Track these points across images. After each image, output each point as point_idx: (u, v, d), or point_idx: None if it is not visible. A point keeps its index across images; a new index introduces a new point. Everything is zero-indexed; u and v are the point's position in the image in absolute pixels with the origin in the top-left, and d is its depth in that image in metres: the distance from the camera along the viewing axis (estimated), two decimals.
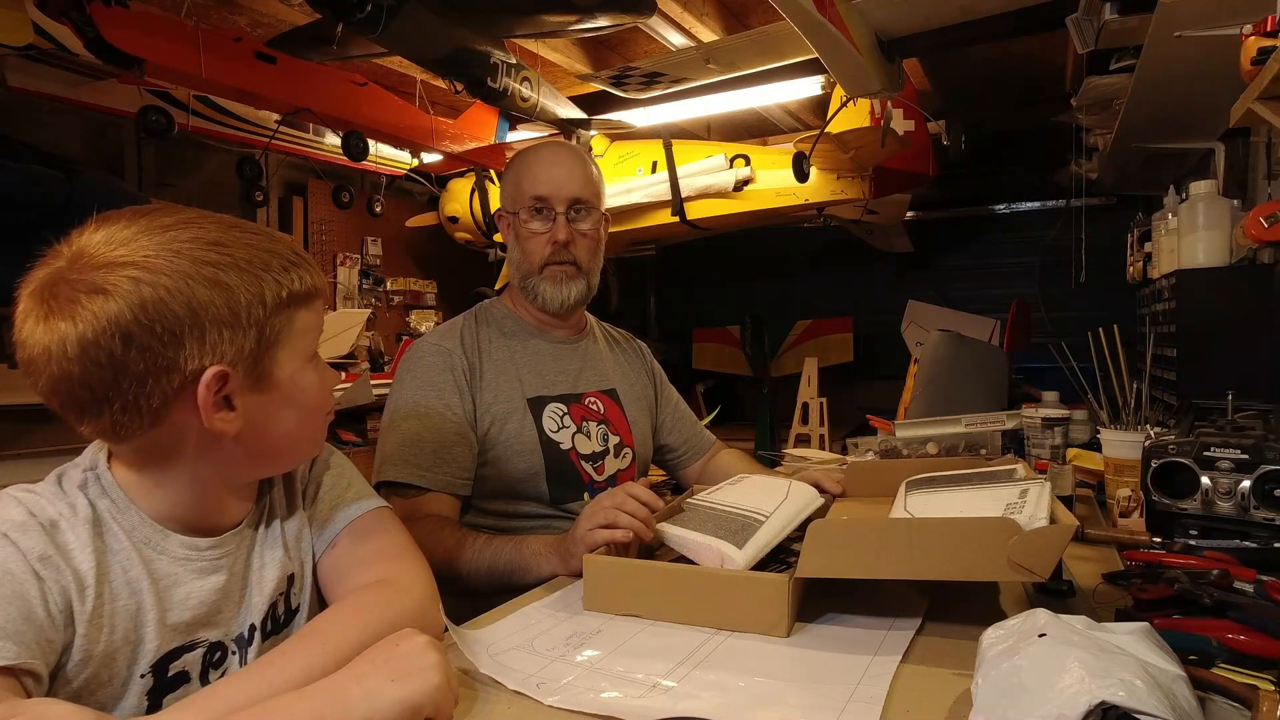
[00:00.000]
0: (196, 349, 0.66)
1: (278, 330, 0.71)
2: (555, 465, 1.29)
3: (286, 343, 0.73)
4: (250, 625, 0.78)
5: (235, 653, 0.77)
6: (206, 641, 0.74)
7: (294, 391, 0.74)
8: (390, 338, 4.67)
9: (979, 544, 0.74)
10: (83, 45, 2.42)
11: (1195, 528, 0.99)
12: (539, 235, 1.33)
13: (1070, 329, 2.17)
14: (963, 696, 0.66)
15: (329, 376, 0.80)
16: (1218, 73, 1.65)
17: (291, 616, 0.83)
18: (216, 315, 0.66)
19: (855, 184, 3.85)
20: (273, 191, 4.12)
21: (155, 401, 0.66)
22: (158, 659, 0.70)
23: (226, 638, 0.76)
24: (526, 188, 1.33)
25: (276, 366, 0.72)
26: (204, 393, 0.66)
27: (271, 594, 0.80)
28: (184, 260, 0.66)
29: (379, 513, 0.88)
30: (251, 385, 0.71)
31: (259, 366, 0.71)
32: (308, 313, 0.75)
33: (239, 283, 0.68)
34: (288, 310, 0.72)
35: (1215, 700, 0.60)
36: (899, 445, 1.61)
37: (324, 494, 0.88)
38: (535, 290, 1.35)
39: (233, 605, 0.77)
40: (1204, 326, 1.85)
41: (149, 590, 0.70)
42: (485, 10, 2.62)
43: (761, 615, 0.82)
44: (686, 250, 5.46)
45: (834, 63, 2.30)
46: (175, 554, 0.73)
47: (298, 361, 0.74)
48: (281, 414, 0.74)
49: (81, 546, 0.67)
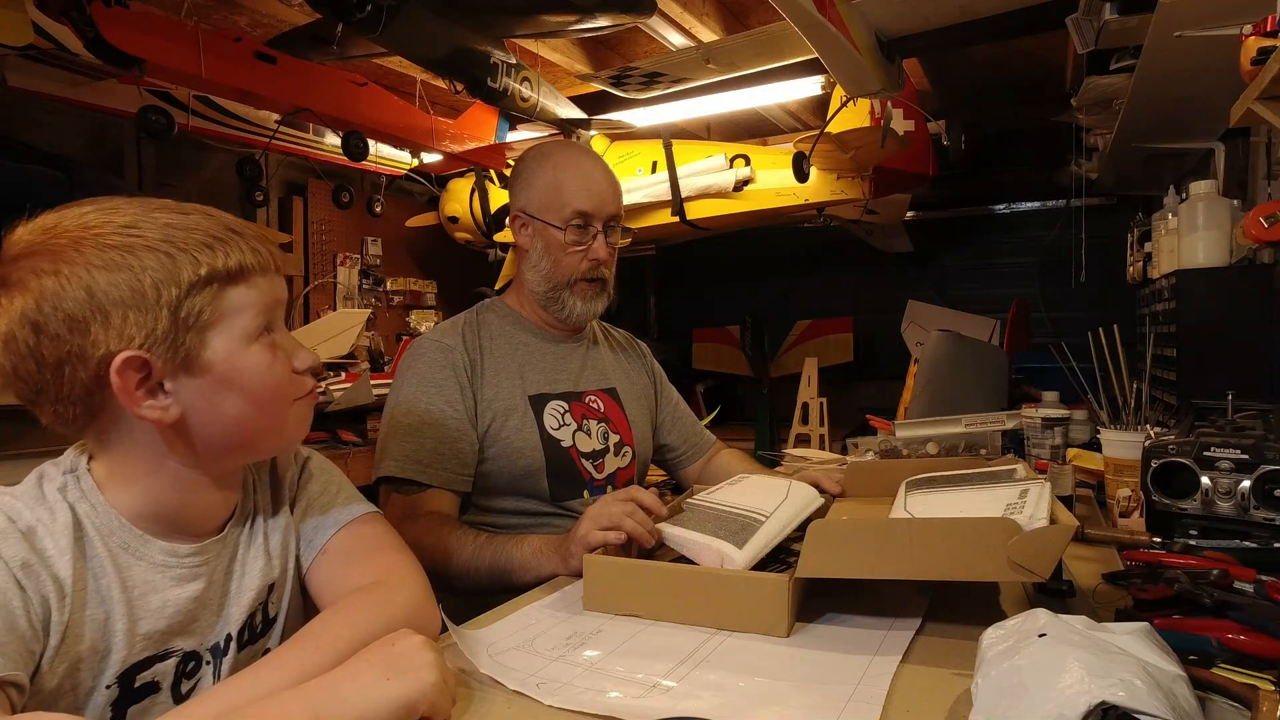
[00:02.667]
0: (103, 334, 0.64)
1: (198, 310, 0.67)
2: (556, 463, 1.29)
3: (214, 323, 0.69)
4: (227, 635, 0.76)
5: (210, 663, 0.75)
6: (180, 651, 0.72)
7: (233, 374, 0.70)
8: (390, 338, 4.66)
9: (979, 544, 0.74)
10: (83, 45, 2.42)
11: (1195, 528, 0.99)
12: (576, 251, 1.32)
13: (1070, 329, 2.17)
14: (963, 696, 0.66)
15: (289, 357, 0.75)
16: (1218, 73, 1.65)
17: (269, 625, 0.81)
18: (119, 298, 0.64)
19: (855, 184, 3.84)
20: (273, 191, 4.11)
21: (79, 390, 0.65)
22: (124, 670, 0.68)
23: (202, 647, 0.74)
24: (569, 201, 1.30)
25: (205, 348, 0.68)
26: (116, 380, 0.65)
27: (251, 603, 0.78)
28: (88, 246, 0.64)
29: (369, 517, 0.87)
30: (181, 369, 0.68)
31: (182, 349, 0.67)
32: (243, 289, 0.70)
33: (148, 264, 0.65)
34: (211, 288, 0.68)
35: (1215, 700, 0.60)
36: (899, 445, 1.61)
37: (311, 501, 0.86)
38: (564, 303, 1.34)
39: (210, 614, 0.75)
40: (1204, 326, 1.85)
41: (119, 599, 0.68)
42: (485, 10, 2.62)
43: (761, 615, 0.82)
44: (686, 250, 5.46)
45: (834, 63, 2.30)
46: (154, 560, 0.71)
47: (234, 342, 0.70)
48: (223, 399, 0.70)
49: (60, 553, 0.65)
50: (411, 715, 0.62)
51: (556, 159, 1.34)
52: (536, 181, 1.34)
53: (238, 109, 3.41)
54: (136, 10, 2.49)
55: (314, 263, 4.33)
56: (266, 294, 0.73)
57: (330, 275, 4.42)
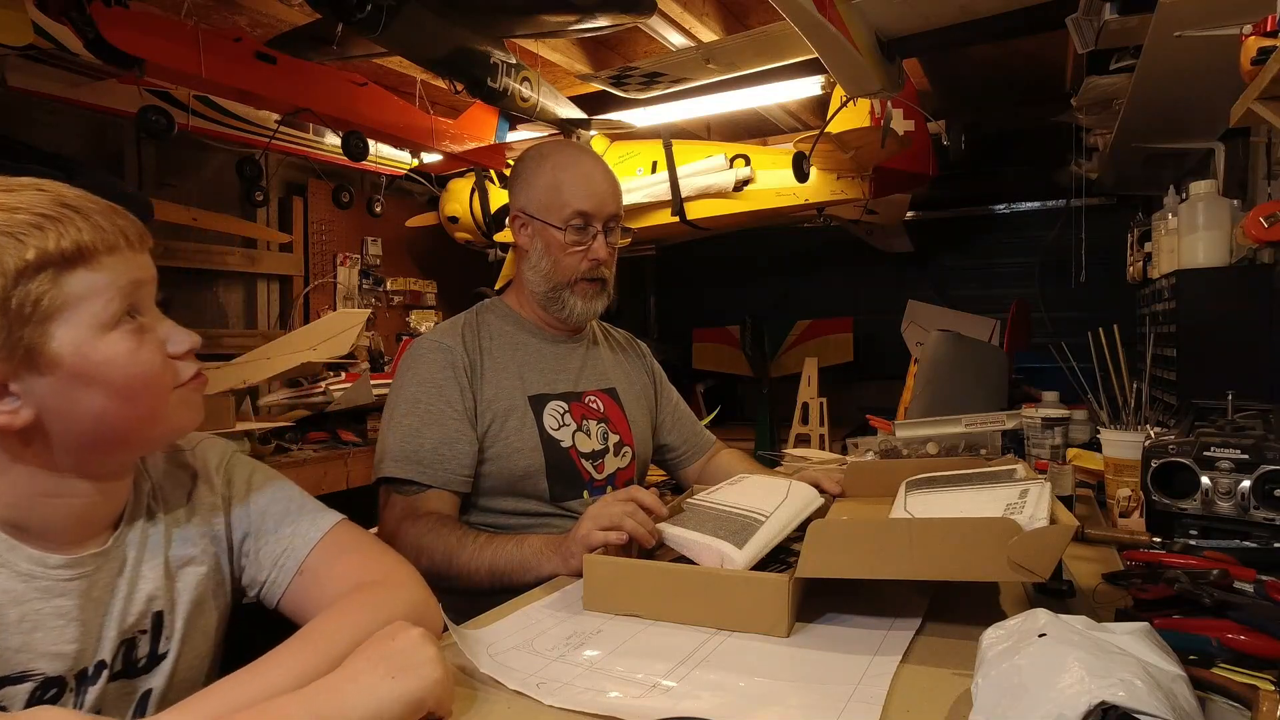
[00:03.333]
0: None
1: (34, 300, 0.60)
2: (555, 463, 1.29)
3: (56, 313, 0.61)
4: (99, 662, 0.68)
5: (73, 690, 0.66)
6: (41, 675, 0.64)
7: (86, 369, 0.63)
8: (390, 338, 4.66)
9: (979, 544, 0.74)
10: (83, 45, 2.41)
11: (1195, 528, 0.99)
12: (576, 251, 1.32)
13: (1070, 329, 2.17)
14: (963, 696, 0.66)
15: (162, 340, 0.68)
16: (1218, 73, 1.65)
17: (155, 662, 0.72)
18: None
19: (855, 184, 3.84)
20: (273, 191, 4.11)
21: None
22: None
23: (68, 673, 0.65)
24: (569, 201, 1.30)
25: (50, 341, 0.61)
26: None
27: (131, 629, 0.70)
28: None
29: (341, 527, 0.83)
30: (24, 367, 0.61)
31: (20, 345, 0.60)
32: (86, 273, 0.62)
33: None
34: (45, 274, 0.60)
35: (1215, 700, 0.60)
36: (899, 445, 1.61)
37: (270, 520, 0.80)
38: (564, 302, 1.34)
39: (82, 635, 0.66)
40: (1204, 326, 1.85)
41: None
42: (485, 10, 2.62)
43: (761, 615, 0.82)
44: (686, 250, 5.46)
45: (834, 63, 2.30)
46: (18, 568, 0.64)
47: (83, 332, 0.62)
48: (81, 395, 0.63)
49: None
50: (418, 713, 0.61)
51: (556, 159, 1.34)
52: (536, 182, 1.34)
53: (238, 109, 3.41)
54: (136, 10, 2.48)
55: (314, 263, 4.33)
56: (121, 275, 0.65)
57: (330, 275, 4.42)
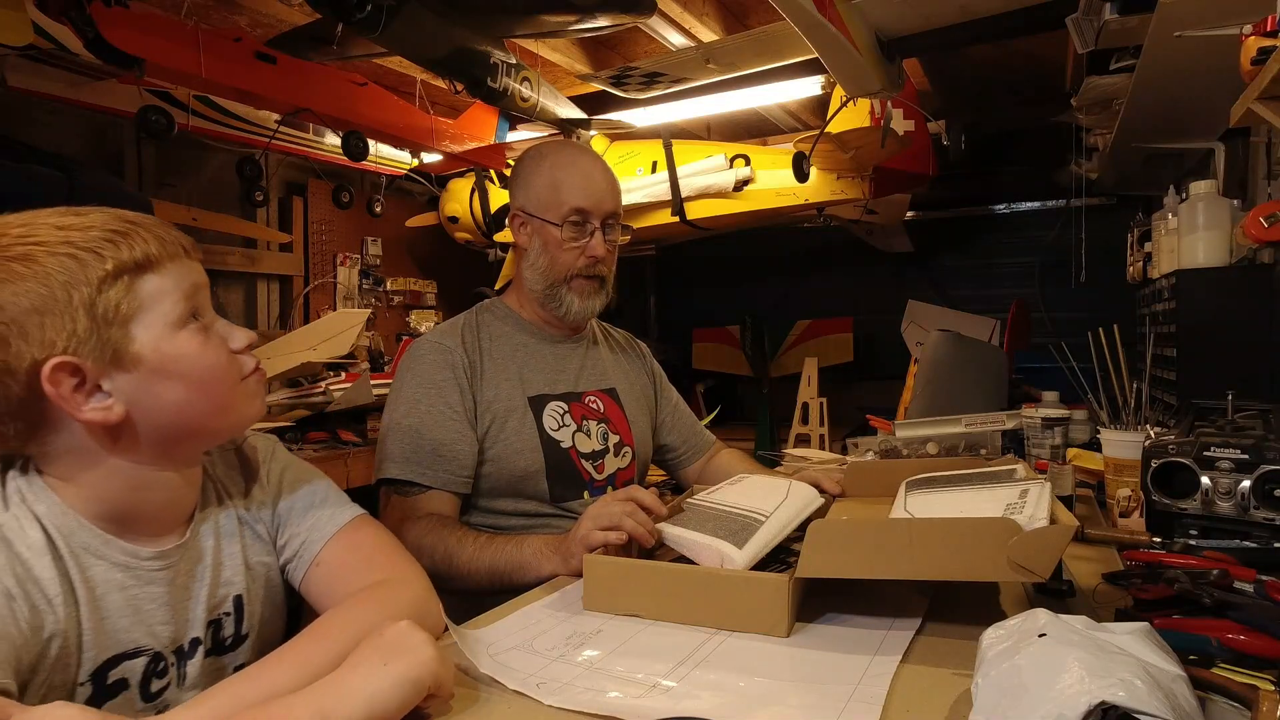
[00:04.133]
0: (24, 346, 0.64)
1: (115, 304, 0.67)
2: (555, 464, 1.29)
3: (135, 315, 0.69)
4: (192, 639, 0.77)
5: (174, 665, 0.75)
6: (150, 650, 0.73)
7: (165, 363, 0.70)
8: (390, 338, 4.66)
9: (979, 544, 0.74)
10: (83, 45, 2.41)
11: (1195, 528, 0.99)
12: (573, 247, 1.32)
13: (1070, 329, 2.17)
14: (963, 696, 0.66)
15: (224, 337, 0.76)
16: (1218, 73, 1.65)
17: (240, 641, 0.81)
18: (30, 307, 0.64)
19: (855, 184, 3.84)
20: (273, 191, 4.11)
21: (15, 406, 0.66)
22: (96, 668, 0.69)
23: (167, 649, 0.75)
24: (566, 199, 1.30)
25: (132, 341, 0.69)
26: (50, 388, 0.65)
27: (215, 610, 0.79)
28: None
29: (359, 520, 0.88)
30: (113, 367, 0.68)
31: (109, 346, 0.67)
32: (156, 278, 0.70)
33: (51, 269, 0.65)
34: (122, 281, 0.68)
35: (1215, 700, 0.60)
36: (899, 445, 1.61)
37: (296, 511, 0.86)
38: (560, 299, 1.34)
39: (172, 616, 0.75)
40: (1204, 326, 1.85)
41: (86, 599, 0.68)
42: (485, 10, 2.62)
43: (761, 615, 0.82)
44: (686, 250, 5.46)
45: (834, 63, 2.30)
46: (114, 560, 0.71)
47: (159, 331, 0.70)
48: (163, 388, 0.70)
49: (38, 557, 0.66)
50: (419, 691, 0.63)
51: (554, 158, 1.35)
52: (535, 180, 1.34)
53: (238, 109, 3.41)
54: (136, 10, 2.48)
55: (314, 263, 4.33)
56: (183, 279, 0.72)
57: (330, 275, 4.42)
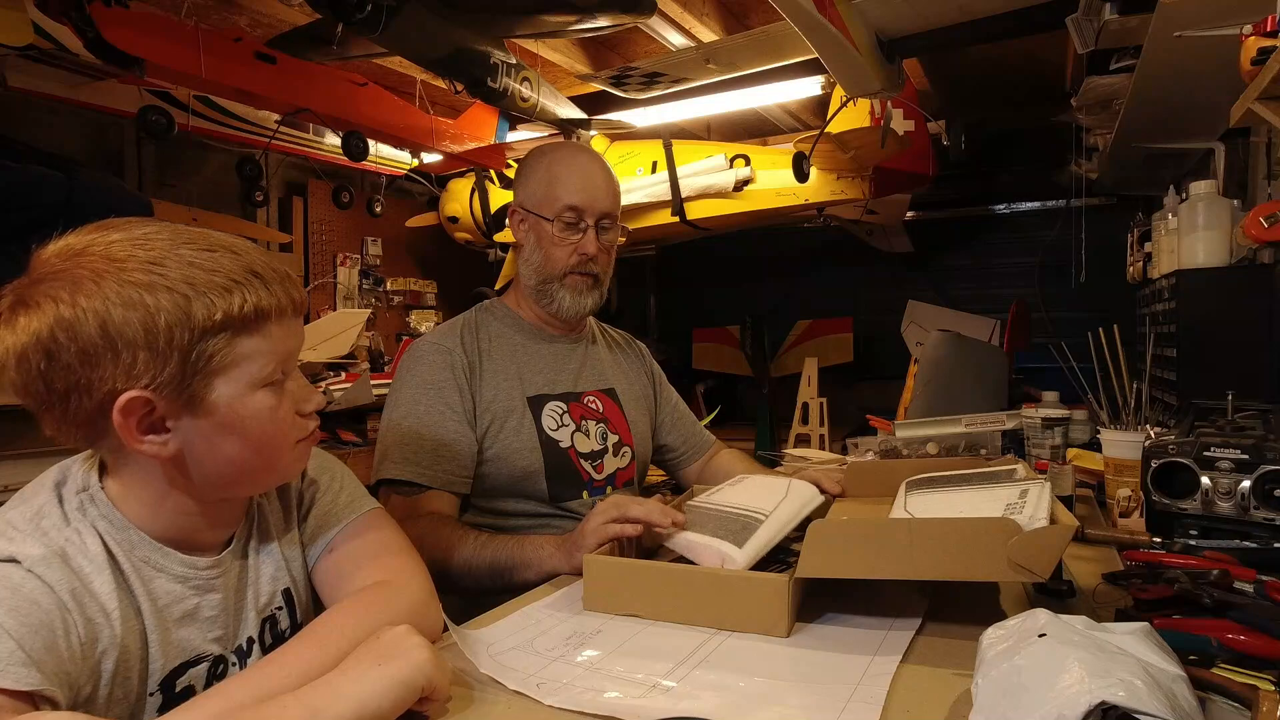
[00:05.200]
0: (112, 371, 0.64)
1: (209, 355, 0.67)
2: (554, 464, 1.29)
3: (224, 369, 0.68)
4: (249, 638, 0.80)
5: (236, 665, 0.78)
6: (211, 655, 0.75)
7: (233, 420, 0.70)
8: (390, 338, 4.66)
9: (979, 544, 0.74)
10: (83, 45, 2.42)
11: (1195, 528, 0.99)
12: (567, 244, 1.32)
13: (1070, 329, 2.17)
14: (963, 696, 0.66)
15: (294, 400, 0.75)
16: (1218, 73, 1.65)
17: (297, 630, 0.83)
18: (132, 337, 0.64)
19: (855, 184, 3.84)
20: (273, 191, 4.11)
21: (83, 418, 0.66)
22: (164, 677, 0.71)
23: (227, 651, 0.78)
24: (560, 195, 1.31)
25: (211, 392, 0.68)
26: (119, 417, 0.65)
27: (266, 607, 0.81)
28: (110, 280, 0.64)
29: (373, 515, 0.89)
30: (185, 410, 0.68)
31: (187, 392, 0.67)
32: (257, 339, 0.70)
33: (163, 305, 0.64)
34: (224, 334, 0.67)
35: (1215, 700, 0.60)
36: (899, 445, 1.61)
37: (317, 499, 0.88)
38: (554, 296, 1.35)
39: (231, 620, 0.78)
40: (1204, 326, 1.85)
41: (150, 611, 0.70)
42: (485, 10, 2.62)
43: (761, 615, 0.82)
44: (686, 250, 5.46)
45: (834, 63, 2.30)
46: (174, 572, 0.73)
47: (239, 388, 0.69)
48: (223, 441, 0.70)
49: (98, 573, 0.67)
50: (411, 693, 0.63)
51: (553, 156, 1.36)
52: (533, 176, 1.36)
53: (238, 109, 3.41)
54: (136, 10, 2.49)
55: (314, 263, 4.33)
56: (281, 342, 0.72)
57: (330, 275, 4.42)
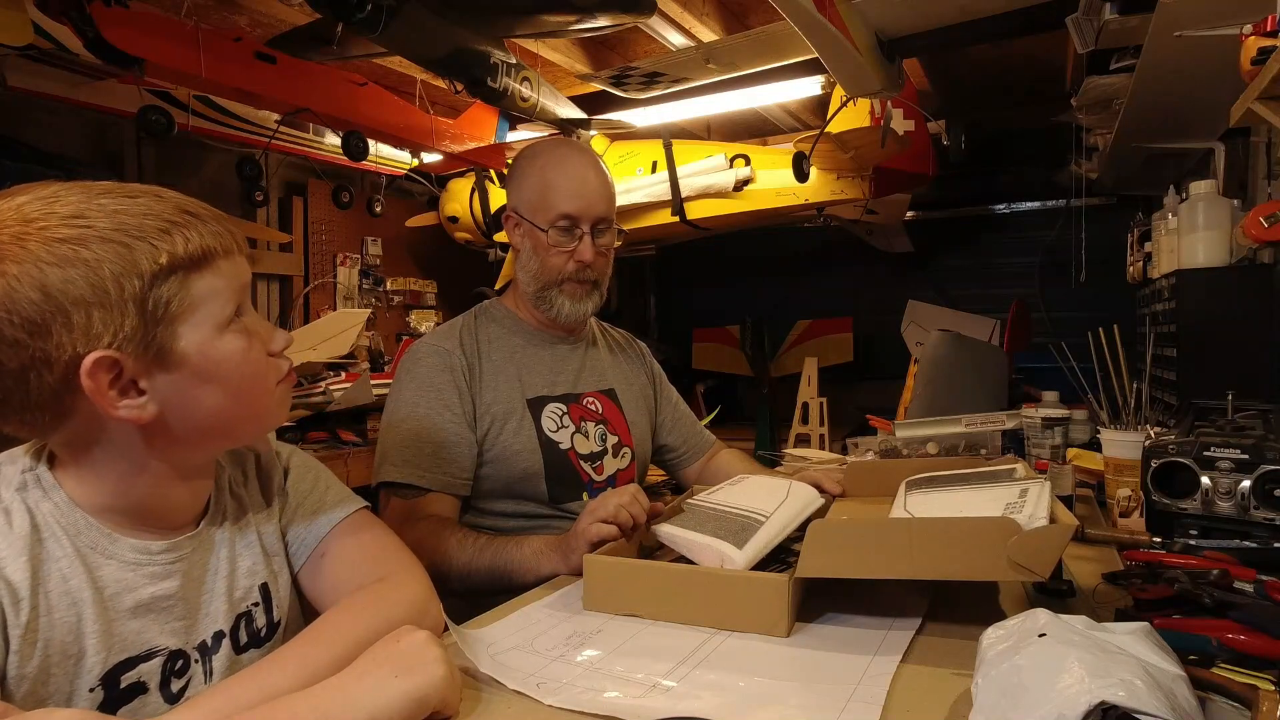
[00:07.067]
0: (66, 336, 0.60)
1: (165, 301, 0.63)
2: (554, 465, 1.29)
3: (184, 314, 0.65)
4: (216, 632, 0.75)
5: (199, 661, 0.73)
6: (165, 650, 0.70)
7: (208, 367, 0.67)
8: (390, 338, 4.66)
9: (979, 544, 0.74)
10: (83, 45, 2.41)
11: (1195, 528, 0.99)
12: (563, 251, 1.31)
13: (1070, 329, 2.17)
14: (963, 696, 0.66)
15: (263, 339, 0.72)
16: (1218, 73, 1.65)
17: (274, 630, 0.80)
18: (78, 296, 0.59)
19: (855, 184, 3.84)
20: (273, 191, 4.11)
21: (47, 395, 0.62)
22: (106, 671, 0.66)
23: (188, 646, 0.72)
24: (555, 203, 1.29)
25: (178, 341, 0.65)
26: (88, 383, 0.61)
27: (241, 602, 0.77)
28: (33, 240, 0.59)
29: (362, 515, 0.87)
30: (155, 365, 0.64)
31: (154, 345, 0.63)
32: (209, 276, 0.66)
33: (102, 256, 0.60)
34: (175, 277, 0.64)
35: (1215, 700, 0.60)
36: (899, 445, 1.61)
37: (300, 501, 0.85)
38: (552, 302, 1.34)
39: (191, 611, 0.73)
40: (1204, 326, 1.85)
41: (91, 600, 0.65)
42: (485, 10, 2.62)
43: (761, 615, 0.82)
44: (686, 250, 5.45)
45: (834, 63, 2.30)
46: (125, 558, 0.68)
47: (205, 331, 0.66)
48: (201, 391, 0.67)
49: (14, 556, 0.62)
50: (423, 710, 0.62)
51: (546, 158, 1.33)
52: (526, 181, 1.33)
53: (238, 109, 3.40)
54: (136, 10, 2.48)
55: (314, 263, 4.32)
56: (233, 278, 0.69)
57: (330, 275, 4.42)
